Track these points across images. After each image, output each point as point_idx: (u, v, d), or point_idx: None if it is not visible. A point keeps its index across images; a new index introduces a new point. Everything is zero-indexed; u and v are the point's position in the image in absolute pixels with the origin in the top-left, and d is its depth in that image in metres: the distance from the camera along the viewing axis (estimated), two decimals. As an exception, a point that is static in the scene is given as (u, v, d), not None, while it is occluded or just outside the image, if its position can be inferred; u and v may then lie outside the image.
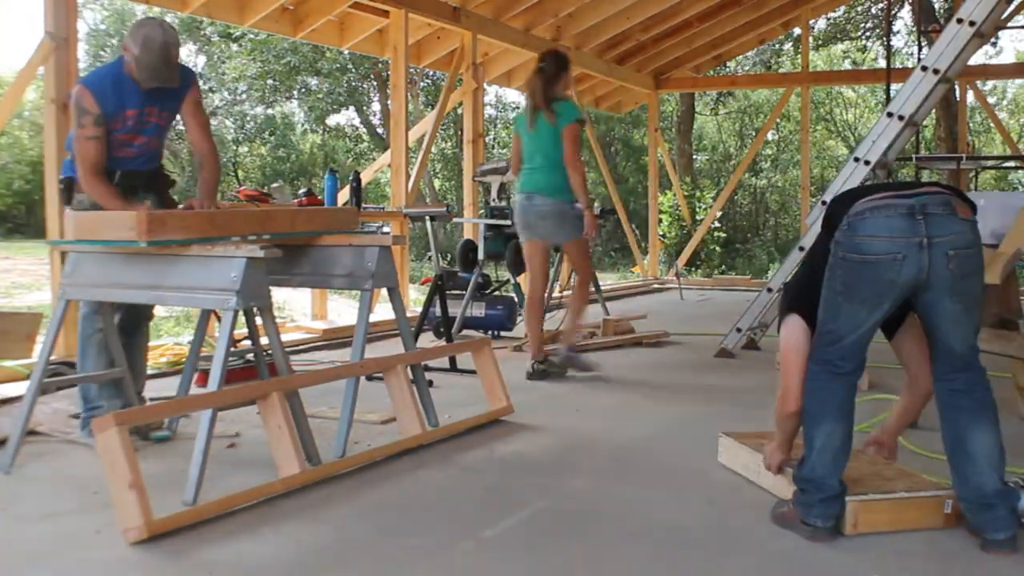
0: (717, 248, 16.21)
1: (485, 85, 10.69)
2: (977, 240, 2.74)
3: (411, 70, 10.24)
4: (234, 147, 23.49)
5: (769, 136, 21.60)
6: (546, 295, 7.47)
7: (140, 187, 3.96)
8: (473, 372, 4.61)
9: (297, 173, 22.78)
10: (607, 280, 13.28)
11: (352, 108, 22.54)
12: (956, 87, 11.89)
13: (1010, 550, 2.65)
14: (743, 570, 2.60)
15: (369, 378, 4.81)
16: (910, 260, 2.65)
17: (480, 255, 6.55)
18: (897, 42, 20.53)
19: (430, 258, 11.02)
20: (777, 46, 20.18)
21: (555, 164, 5.31)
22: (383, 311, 7.07)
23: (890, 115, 5.76)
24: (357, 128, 23.98)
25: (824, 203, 6.08)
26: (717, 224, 15.91)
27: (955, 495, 2.80)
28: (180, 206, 3.91)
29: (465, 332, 6.82)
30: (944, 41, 5.56)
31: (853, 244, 2.72)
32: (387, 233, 7.69)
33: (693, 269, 15.06)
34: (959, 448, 2.76)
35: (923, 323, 2.84)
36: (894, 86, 9.26)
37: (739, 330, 6.31)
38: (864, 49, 21.49)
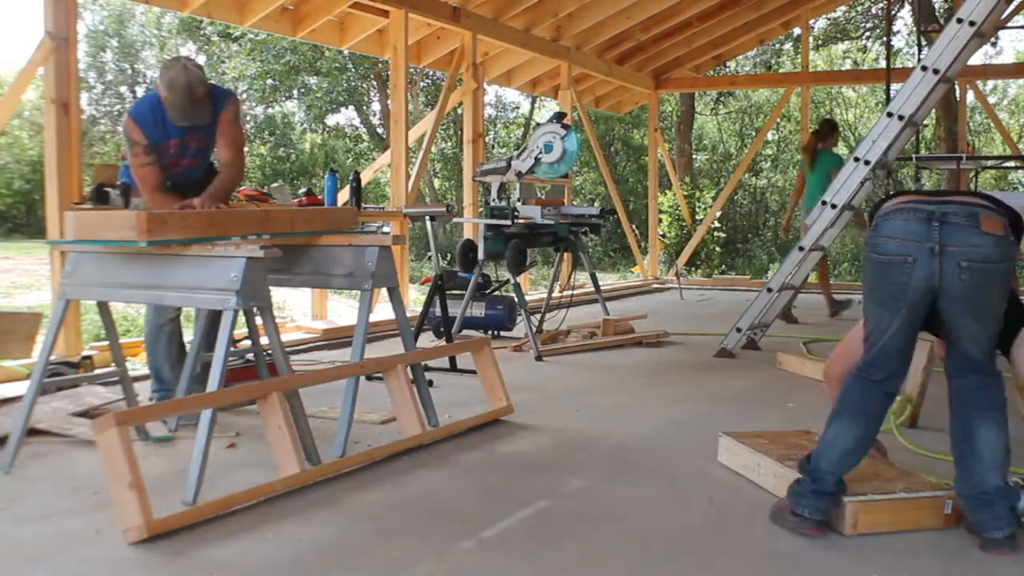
0: (717, 248, 16.19)
1: (485, 85, 10.69)
2: (1001, 256, 2.72)
3: (411, 70, 10.25)
4: (234, 147, 23.45)
5: (769, 136, 21.58)
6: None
7: (192, 192, 4.08)
8: (473, 372, 4.61)
9: (297, 173, 22.78)
10: (607, 280, 13.28)
11: (352, 108, 22.54)
12: (956, 87, 11.89)
13: (1009, 549, 2.65)
14: (743, 570, 2.60)
15: (369, 378, 4.81)
16: (920, 264, 2.69)
17: (480, 255, 6.54)
18: (897, 42, 20.51)
19: (430, 258, 11.02)
20: (777, 46, 20.17)
21: None
22: (383, 311, 7.06)
23: (890, 115, 5.76)
24: (357, 128, 23.97)
25: (824, 203, 6.09)
26: (717, 224, 15.90)
27: (956, 491, 2.81)
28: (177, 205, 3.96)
29: (465, 332, 6.82)
30: (944, 41, 5.56)
31: (874, 243, 2.81)
32: (387, 233, 7.70)
33: (693, 269, 15.05)
34: (966, 443, 2.78)
35: (940, 328, 2.88)
36: (894, 86, 9.25)
37: (739, 330, 6.31)
38: (864, 49, 21.49)
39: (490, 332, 6.97)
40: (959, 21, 5.50)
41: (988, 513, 2.69)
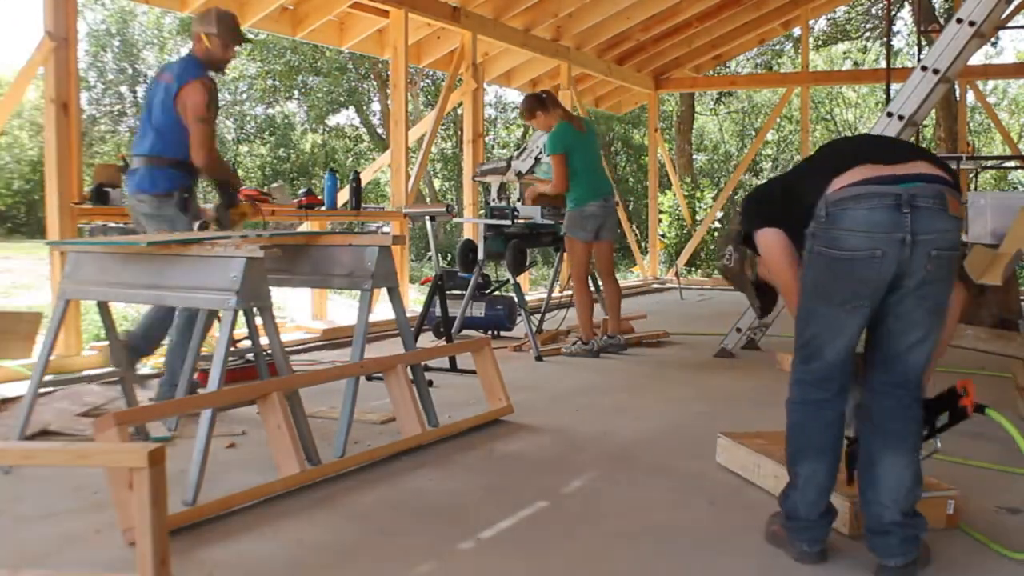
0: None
1: (485, 85, 10.69)
2: (959, 241, 2.46)
3: (411, 70, 10.24)
4: (234, 147, 23.48)
5: (769, 136, 21.59)
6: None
7: None
8: (473, 372, 4.61)
9: (297, 173, 22.78)
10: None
11: (352, 108, 22.55)
12: (956, 87, 11.89)
13: None
14: (743, 570, 2.60)
15: (369, 378, 4.81)
16: (890, 257, 2.36)
17: (480, 255, 6.55)
18: (897, 42, 20.52)
19: (430, 258, 11.02)
20: (777, 46, 20.18)
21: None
22: (383, 311, 7.06)
23: (890, 115, 5.76)
24: (357, 128, 23.98)
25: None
26: (717, 224, 15.90)
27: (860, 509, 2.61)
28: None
29: (465, 332, 6.82)
30: (944, 41, 5.56)
31: (830, 237, 2.41)
32: (387, 233, 7.70)
33: (693, 269, 15.05)
34: (869, 470, 2.53)
35: (872, 326, 2.52)
36: (894, 86, 9.25)
37: (739, 330, 6.31)
38: (864, 49, 21.50)
39: (490, 332, 6.97)
40: (959, 21, 5.50)
41: (882, 541, 2.49)
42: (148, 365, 5.59)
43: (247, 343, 4.72)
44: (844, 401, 2.59)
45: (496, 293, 7.17)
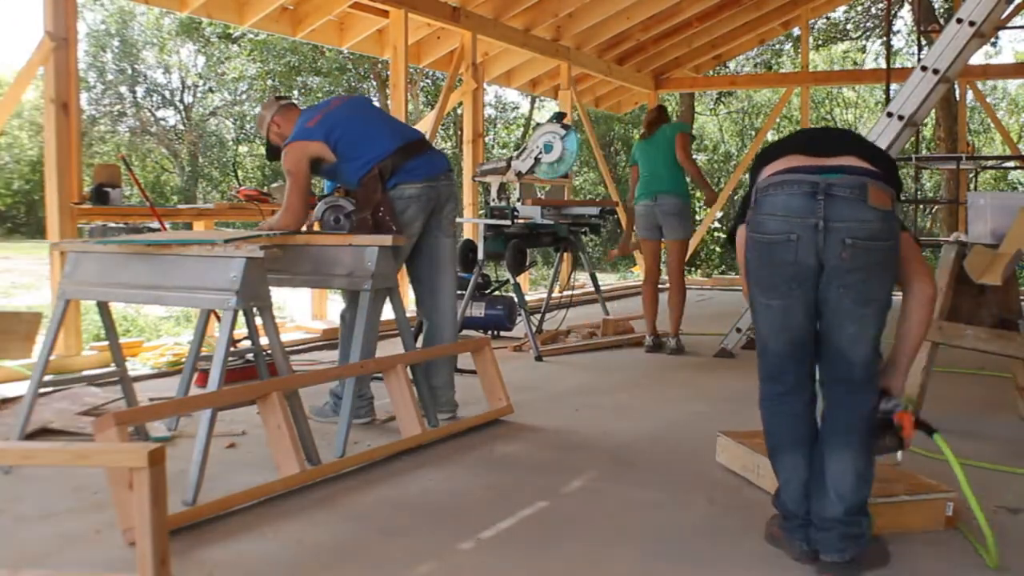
0: (717, 248, 16.20)
1: (485, 85, 10.69)
2: (887, 233, 2.43)
3: (411, 70, 10.24)
4: (234, 147, 23.50)
5: (769, 136, 21.58)
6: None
7: None
8: (473, 372, 4.61)
9: (297, 173, 22.74)
10: (607, 280, 13.27)
11: (352, 108, 22.53)
12: (956, 87, 11.89)
13: (837, 573, 2.50)
14: (743, 570, 2.60)
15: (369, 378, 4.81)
16: (804, 241, 2.42)
17: (480, 255, 6.55)
18: (897, 42, 20.53)
19: (430, 258, 10.98)
20: (777, 46, 20.19)
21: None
22: (383, 311, 7.05)
23: (890, 115, 5.76)
24: (357, 128, 23.95)
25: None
26: (717, 224, 15.91)
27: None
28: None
29: (465, 332, 6.82)
30: (944, 41, 5.56)
31: (756, 222, 2.52)
32: (387, 233, 7.67)
33: (693, 269, 15.05)
34: (819, 464, 2.56)
35: (817, 320, 2.55)
36: (894, 86, 9.26)
37: (739, 330, 6.31)
38: (864, 49, 21.50)
39: (490, 332, 6.97)
40: (959, 21, 5.50)
41: (823, 536, 2.53)
42: (148, 365, 5.60)
43: (247, 343, 4.72)
44: (807, 393, 2.61)
45: (496, 293, 7.17)
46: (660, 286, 6.88)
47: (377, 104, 8.51)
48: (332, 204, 4.16)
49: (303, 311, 7.94)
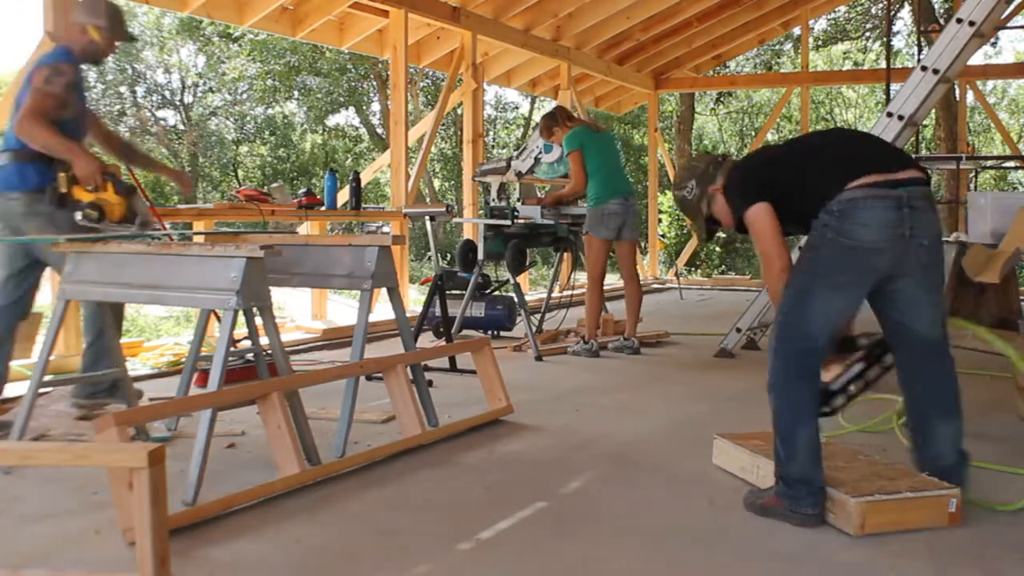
0: (717, 248, 16.20)
1: (485, 85, 10.69)
2: (941, 229, 2.99)
3: (411, 70, 10.24)
4: (234, 147, 23.50)
5: (769, 136, 21.58)
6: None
7: None
8: (473, 372, 4.61)
9: (297, 173, 22.79)
10: (607, 280, 13.26)
11: (352, 108, 22.56)
12: (956, 87, 11.89)
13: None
14: (743, 570, 2.59)
15: (369, 378, 4.81)
16: (890, 250, 2.84)
17: (480, 255, 6.55)
18: (897, 42, 20.53)
19: (430, 258, 11.01)
20: (777, 46, 20.18)
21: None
22: (383, 311, 7.06)
23: (890, 115, 5.76)
24: (357, 128, 23.99)
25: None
26: (717, 224, 15.90)
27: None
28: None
29: (465, 332, 6.82)
30: (944, 41, 5.56)
31: (845, 229, 2.84)
32: (387, 233, 7.70)
33: (693, 269, 15.06)
34: (926, 429, 3.05)
35: (885, 311, 3.00)
36: (894, 86, 9.26)
37: (738, 330, 6.31)
38: (864, 49, 21.50)
39: (490, 332, 6.97)
40: (959, 21, 5.50)
41: (953, 474, 2.98)
42: (148, 365, 5.60)
43: (247, 343, 4.72)
44: (819, 373, 2.97)
45: (496, 293, 7.17)
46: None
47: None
48: None
49: (303, 311, 7.94)
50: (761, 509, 2.95)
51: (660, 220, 14.27)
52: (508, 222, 6.43)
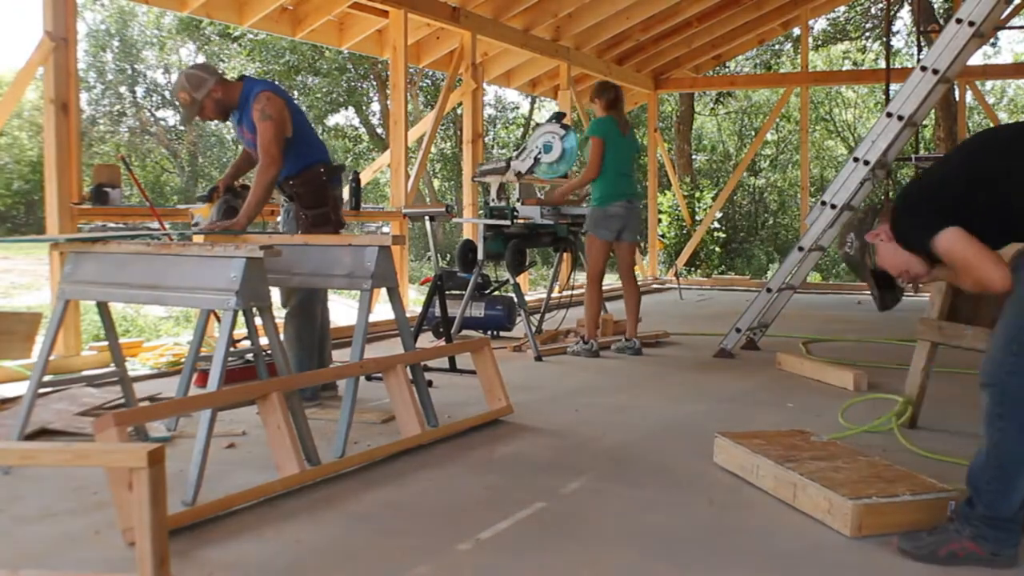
0: (716, 248, 16.20)
1: (485, 85, 10.69)
2: None
3: (411, 70, 10.24)
4: (234, 147, 23.47)
5: (769, 136, 21.60)
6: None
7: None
8: (473, 372, 4.61)
9: (297, 173, 22.72)
10: (607, 280, 13.27)
11: (352, 108, 22.55)
12: (956, 87, 11.89)
13: None
14: (743, 570, 2.60)
15: (369, 378, 4.81)
16: None
17: (480, 255, 6.55)
18: (897, 42, 20.53)
19: (430, 258, 11.01)
20: (777, 46, 20.18)
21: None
22: (383, 311, 7.06)
23: (889, 115, 5.76)
24: (357, 128, 23.98)
25: (824, 203, 6.09)
26: (716, 224, 15.91)
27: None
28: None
29: (465, 332, 6.82)
30: (944, 41, 5.57)
31: None
32: (387, 233, 7.70)
33: (692, 269, 15.06)
34: None
35: None
36: (894, 86, 9.26)
37: (738, 330, 6.32)
38: (864, 49, 21.50)
39: (490, 332, 6.97)
40: (959, 21, 5.50)
41: None
42: (148, 365, 5.60)
43: (247, 343, 4.72)
44: None
45: (495, 293, 7.17)
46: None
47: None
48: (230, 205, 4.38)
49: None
50: (951, 558, 2.58)
51: (660, 220, 14.27)
52: (508, 222, 6.43)
